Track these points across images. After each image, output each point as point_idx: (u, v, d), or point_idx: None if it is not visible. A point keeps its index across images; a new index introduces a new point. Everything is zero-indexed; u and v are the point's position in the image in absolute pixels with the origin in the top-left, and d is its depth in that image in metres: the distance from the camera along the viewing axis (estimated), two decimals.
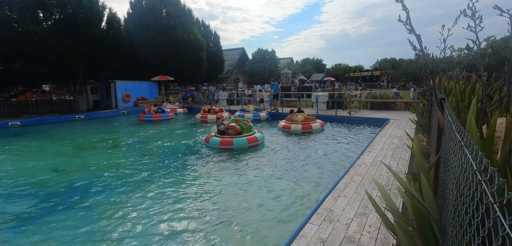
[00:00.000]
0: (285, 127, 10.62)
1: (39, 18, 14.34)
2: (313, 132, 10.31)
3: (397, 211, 1.72)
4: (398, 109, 15.11)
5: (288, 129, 10.43)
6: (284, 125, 10.71)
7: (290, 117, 11.08)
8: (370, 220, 3.28)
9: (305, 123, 10.53)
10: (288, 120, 10.88)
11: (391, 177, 4.73)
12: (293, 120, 10.71)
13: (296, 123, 10.54)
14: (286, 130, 10.51)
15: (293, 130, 10.32)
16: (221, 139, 8.07)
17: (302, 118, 10.67)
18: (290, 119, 10.90)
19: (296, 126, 10.39)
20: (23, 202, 4.72)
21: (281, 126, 10.81)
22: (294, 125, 10.46)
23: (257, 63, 36.16)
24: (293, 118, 10.76)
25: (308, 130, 10.32)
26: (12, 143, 9.60)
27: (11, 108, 16.11)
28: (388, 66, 50.07)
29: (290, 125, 10.51)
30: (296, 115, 10.86)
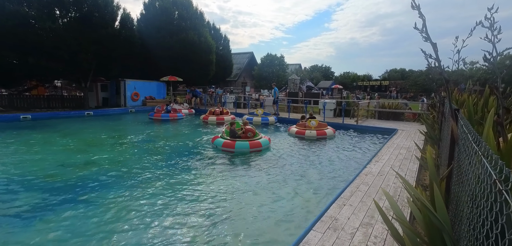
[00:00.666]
0: (299, 133, 10.46)
1: (56, 16, 14.71)
2: (327, 138, 10.25)
3: (406, 222, 1.67)
4: (406, 120, 14.87)
5: (302, 135, 10.30)
6: (298, 131, 10.53)
7: (302, 123, 10.96)
8: (376, 231, 3.20)
9: (319, 129, 10.45)
10: (301, 126, 10.73)
11: (398, 188, 4.63)
12: (306, 126, 10.59)
13: (310, 129, 10.42)
14: (299, 136, 10.37)
15: (307, 136, 10.20)
16: (224, 141, 8.19)
17: (315, 124, 10.58)
18: (303, 125, 10.77)
19: (310, 132, 10.28)
20: (32, 194, 4.79)
21: (294, 131, 10.63)
22: (309, 130, 10.34)
23: (266, 68, 36.22)
24: (307, 124, 10.64)
25: (322, 136, 10.25)
26: (23, 135, 9.81)
27: (23, 102, 16.50)
28: (397, 76, 49.51)
29: (304, 130, 10.37)
30: (309, 121, 10.74)
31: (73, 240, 3.44)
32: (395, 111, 15.18)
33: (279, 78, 35.45)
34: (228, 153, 7.89)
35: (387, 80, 47.11)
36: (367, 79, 50.45)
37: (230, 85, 35.47)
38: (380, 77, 56.46)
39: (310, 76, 44.13)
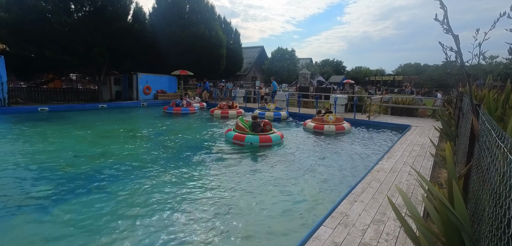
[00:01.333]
0: (317, 128, 10.33)
1: (71, 10, 15.05)
2: (345, 133, 10.17)
3: (421, 220, 1.61)
4: (420, 116, 14.47)
5: (321, 130, 10.18)
6: (316, 126, 10.39)
7: (320, 118, 10.83)
8: (388, 228, 3.14)
9: (338, 124, 10.34)
10: (319, 121, 10.60)
11: (411, 185, 4.53)
12: (324, 121, 10.47)
13: (328, 124, 10.30)
14: (318, 131, 10.24)
15: (326, 130, 10.10)
16: (235, 134, 8.28)
17: (333, 119, 10.45)
18: (320, 120, 10.65)
19: (329, 127, 10.17)
20: (50, 183, 4.96)
21: (312, 126, 10.49)
22: (327, 125, 10.23)
23: (276, 62, 35.99)
24: (325, 119, 10.52)
25: (341, 131, 10.16)
26: (40, 126, 10.16)
27: (41, 95, 17.06)
28: (411, 71, 48.17)
29: (322, 125, 10.26)
30: (327, 116, 10.61)
31: (87, 227, 3.54)
32: (408, 107, 14.79)
33: (289, 73, 35.19)
34: (240, 146, 7.90)
35: (400, 75, 45.91)
36: (380, 74, 49.33)
37: (240, 80, 35.46)
38: (393, 72, 55.10)
39: (321, 71, 43.53)
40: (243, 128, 8.49)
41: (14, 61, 15.18)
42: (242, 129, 8.45)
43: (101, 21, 15.48)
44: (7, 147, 7.21)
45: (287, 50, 37.13)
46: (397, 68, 58.24)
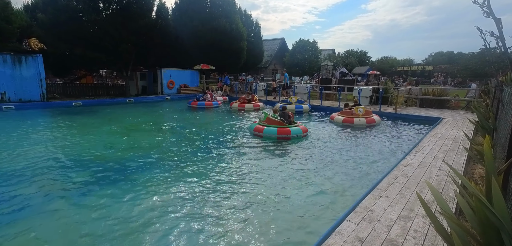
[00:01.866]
0: (347, 121, 10.09)
1: (100, 8, 15.82)
2: (375, 126, 9.94)
3: (454, 217, 1.52)
4: (453, 108, 13.58)
5: (351, 123, 9.96)
6: (346, 119, 10.15)
7: (348, 110, 10.59)
8: (416, 225, 3.01)
9: (368, 117, 10.09)
10: (348, 114, 10.37)
11: (442, 180, 4.29)
12: (353, 113, 10.23)
13: (358, 117, 10.06)
14: (347, 124, 10.02)
15: (357, 124, 9.89)
16: (256, 125, 8.45)
17: (363, 112, 10.18)
18: (349, 112, 10.41)
19: (359, 120, 9.94)
20: (83, 172, 5.33)
21: (341, 120, 10.25)
22: (357, 118, 10.00)
23: (297, 54, 35.34)
24: (354, 111, 10.27)
25: (371, 124, 9.93)
26: (75, 120, 10.89)
27: (74, 90, 18.23)
28: (444, 60, 45.13)
29: (352, 118, 10.03)
30: (356, 108, 10.35)
31: (118, 215, 3.76)
32: (439, 99, 13.92)
33: (311, 65, 34.46)
34: (267, 139, 7.97)
35: (431, 65, 43.22)
36: (408, 64, 46.81)
37: (261, 73, 35.36)
38: (423, 61, 52.06)
39: (344, 62, 42.14)
40: (274, 121, 8.41)
41: (51, 59, 16.35)
42: (274, 122, 8.39)
43: (127, 18, 16.11)
44: (47, 139, 7.82)
45: (309, 41, 36.30)
46: (427, 57, 54.86)
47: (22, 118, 10.77)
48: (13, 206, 3.97)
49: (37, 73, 13.91)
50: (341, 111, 10.92)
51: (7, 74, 13.05)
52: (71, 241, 3.22)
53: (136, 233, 3.36)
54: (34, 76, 13.85)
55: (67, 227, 3.50)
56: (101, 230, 3.42)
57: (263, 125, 8.27)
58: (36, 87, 13.99)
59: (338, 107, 13.73)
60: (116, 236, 3.30)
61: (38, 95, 14.05)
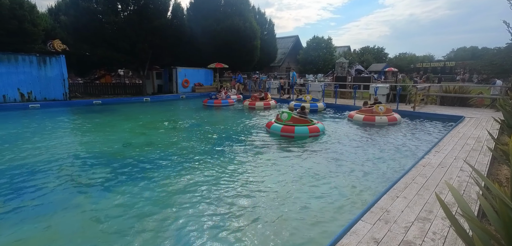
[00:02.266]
0: (367, 119, 9.90)
1: (118, 10, 16.33)
2: (397, 124, 9.78)
3: (476, 220, 1.47)
4: (476, 106, 12.95)
5: (372, 121, 9.78)
6: (366, 117, 9.96)
7: (368, 108, 10.40)
8: (435, 227, 2.92)
9: (389, 115, 9.91)
10: (368, 112, 10.17)
11: (463, 182, 4.11)
12: (374, 112, 10.04)
13: (379, 115, 9.88)
14: (368, 123, 9.83)
15: (378, 122, 9.72)
16: (268, 122, 8.72)
17: (384, 110, 10.00)
18: (369, 111, 10.22)
19: (381, 118, 9.77)
20: (103, 168, 5.54)
21: (361, 118, 10.05)
22: (379, 116, 9.82)
23: (311, 51, 34.92)
24: (374, 109, 10.09)
25: (393, 122, 9.77)
26: (95, 118, 11.33)
27: (94, 89, 18.95)
28: (466, 56, 43.11)
29: (373, 116, 9.84)
30: (377, 106, 10.17)
31: (133, 210, 3.89)
32: (461, 96, 13.32)
33: (325, 62, 33.96)
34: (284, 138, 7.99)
35: (453, 61, 41.37)
36: (428, 60, 45.07)
37: (274, 71, 35.23)
38: (444, 57, 49.97)
39: (360, 59, 41.17)
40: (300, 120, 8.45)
41: (73, 60, 17.07)
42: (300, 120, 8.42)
43: (143, 18, 16.51)
44: (70, 136, 8.20)
45: (323, 38, 35.75)
46: (449, 53, 52.58)
47: (46, 116, 11.34)
48: (38, 200, 4.20)
49: (60, 73, 14.58)
50: (360, 109, 10.71)
51: (33, 74, 13.76)
52: (91, 235, 3.37)
53: (151, 229, 3.46)
54: (57, 76, 14.53)
55: (87, 222, 3.66)
56: (118, 225, 3.56)
57: (290, 125, 8.12)
58: (60, 86, 14.66)
59: (354, 105, 13.45)
60: (132, 231, 3.42)
61: (61, 94, 14.73)
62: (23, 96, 13.58)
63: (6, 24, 13.36)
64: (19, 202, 4.09)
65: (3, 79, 12.93)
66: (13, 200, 4.15)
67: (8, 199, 4.19)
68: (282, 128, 8.09)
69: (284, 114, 8.49)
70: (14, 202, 4.08)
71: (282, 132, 8.05)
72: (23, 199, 4.18)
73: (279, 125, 8.23)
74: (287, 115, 8.41)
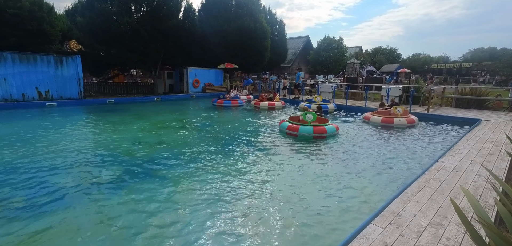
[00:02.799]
0: (386, 121, 9.70)
1: (131, 11, 16.69)
2: (415, 126, 9.68)
3: (493, 227, 1.42)
4: (494, 109, 12.49)
5: (391, 123, 9.61)
6: (384, 119, 9.77)
7: (386, 110, 10.24)
8: (449, 233, 2.83)
9: (408, 117, 9.79)
10: (386, 114, 10.01)
11: (479, 187, 3.98)
12: (392, 113, 9.89)
13: (398, 117, 9.73)
14: (386, 124, 9.65)
15: (397, 124, 9.57)
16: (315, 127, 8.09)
17: (402, 112, 9.86)
18: (387, 112, 10.06)
19: (399, 120, 9.61)
20: (116, 166, 5.68)
21: (379, 120, 9.86)
22: (397, 119, 9.66)
23: (322, 51, 34.59)
24: (392, 111, 9.94)
25: (411, 124, 9.67)
26: (109, 116, 11.62)
27: (108, 88, 19.44)
28: (484, 57, 41.65)
29: (392, 118, 9.68)
30: (395, 108, 10.01)
31: (144, 207, 3.96)
32: (478, 99, 12.88)
33: (336, 63, 33.57)
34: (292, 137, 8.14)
35: (469, 62, 40.06)
36: (443, 61, 43.82)
37: (284, 71, 35.11)
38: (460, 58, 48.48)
39: (372, 60, 40.46)
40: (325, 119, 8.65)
41: (88, 60, 17.57)
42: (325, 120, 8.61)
43: (156, 19, 16.81)
44: (84, 134, 8.44)
45: (334, 39, 35.35)
46: (466, 54, 50.98)
47: (63, 114, 11.71)
48: (53, 196, 4.34)
49: (76, 73, 15.03)
50: (377, 111, 10.54)
51: (50, 74, 14.25)
52: (103, 232, 3.45)
53: (160, 227, 3.51)
54: (73, 75, 14.98)
55: (99, 218, 3.76)
56: (129, 222, 3.63)
57: (321, 125, 8.16)
58: (75, 86, 15.12)
59: (365, 107, 13.24)
60: (141, 228, 3.48)
61: (76, 93, 15.18)
62: (41, 95, 14.08)
63: (26, 26, 13.89)
64: (37, 196, 4.24)
65: (22, 78, 13.45)
66: (32, 194, 4.30)
67: (28, 193, 4.35)
68: (315, 129, 7.99)
69: (308, 115, 8.38)
70: (33, 196, 4.24)
71: (315, 133, 7.95)
72: (41, 193, 4.33)
73: (308, 128, 8.04)
74: (312, 116, 8.37)
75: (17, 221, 3.59)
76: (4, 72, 12.88)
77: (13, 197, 4.21)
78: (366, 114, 10.63)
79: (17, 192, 4.40)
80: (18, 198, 4.19)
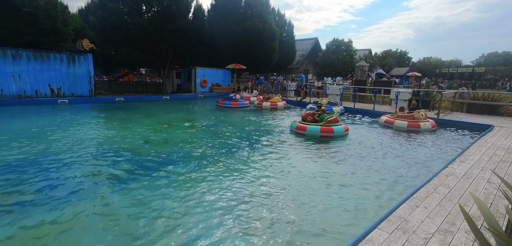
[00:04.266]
0: (412, 126, 9.52)
1: (142, 11, 16.95)
2: (436, 130, 9.69)
3: (504, 236, 1.38)
4: (508, 115, 12.16)
5: (417, 128, 9.48)
6: (411, 124, 9.57)
7: (409, 115, 10.06)
8: (458, 240, 2.78)
9: (430, 121, 9.75)
10: (410, 118, 9.83)
11: (490, 194, 3.89)
12: (416, 118, 9.75)
13: (422, 120, 9.64)
14: (412, 129, 9.48)
15: (423, 128, 9.49)
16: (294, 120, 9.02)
17: (424, 116, 9.77)
18: (410, 116, 9.90)
19: (425, 125, 9.54)
20: (125, 164, 5.77)
21: (405, 125, 9.60)
22: (423, 123, 9.57)
23: (331, 54, 34.29)
24: (416, 115, 9.80)
25: (434, 128, 9.72)
26: (118, 114, 11.83)
27: (118, 87, 19.77)
28: (498, 61, 40.60)
29: (419, 123, 9.54)
30: (418, 112, 9.88)
31: (152, 204, 4.02)
32: (491, 104, 12.55)
33: (345, 65, 33.25)
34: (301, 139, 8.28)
35: (482, 66, 39.11)
36: (455, 65, 42.91)
37: (292, 73, 35.00)
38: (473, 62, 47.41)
39: (382, 63, 39.94)
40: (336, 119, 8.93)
41: (99, 58, 17.91)
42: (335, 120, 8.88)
43: (166, 20, 17.03)
44: (94, 131, 8.61)
45: (343, 41, 35.00)
46: (479, 58, 49.78)
47: (74, 111, 11.97)
48: (63, 190, 4.45)
49: (87, 71, 15.36)
50: (398, 115, 10.34)
51: (63, 72, 14.60)
52: (111, 226, 3.52)
53: (167, 225, 3.56)
54: (84, 74, 15.31)
55: (107, 213, 3.83)
56: (137, 218, 3.69)
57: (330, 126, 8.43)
58: (86, 84, 15.44)
59: (373, 110, 13.09)
60: (149, 225, 3.54)
61: (87, 91, 15.50)
62: (53, 92, 14.44)
63: (41, 24, 14.28)
64: (47, 190, 4.35)
65: (36, 75, 13.82)
66: (43, 188, 4.42)
67: (39, 187, 4.47)
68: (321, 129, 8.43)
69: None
70: (44, 190, 4.35)
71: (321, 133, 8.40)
72: (52, 187, 4.45)
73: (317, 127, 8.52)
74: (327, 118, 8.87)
75: (28, 213, 3.69)
76: (19, 69, 13.27)
77: (25, 191, 4.34)
78: (387, 119, 10.29)
79: (28, 185, 4.53)
80: (29, 192, 4.31)
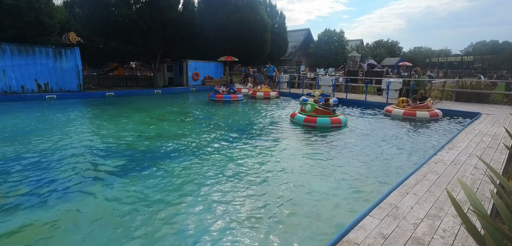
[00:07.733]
0: (433, 115, 9.52)
1: (130, 2, 16.52)
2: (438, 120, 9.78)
3: (489, 218, 1.43)
4: (494, 103, 12.48)
5: (437, 116, 9.58)
6: (432, 113, 9.52)
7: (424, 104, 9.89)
8: (445, 224, 2.86)
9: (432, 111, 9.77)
10: (425, 108, 9.72)
11: (477, 179, 4.00)
12: (429, 107, 9.77)
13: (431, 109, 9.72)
14: (434, 118, 9.48)
15: (440, 116, 9.74)
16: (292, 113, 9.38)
17: None
18: (426, 106, 9.80)
19: (438, 113, 9.73)
20: (117, 159, 5.69)
21: (428, 115, 9.47)
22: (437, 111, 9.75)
23: (323, 45, 34.36)
24: (429, 105, 9.81)
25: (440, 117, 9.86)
26: (108, 109, 11.62)
27: (107, 81, 19.38)
28: (486, 50, 41.39)
29: (436, 112, 9.67)
30: (429, 101, 9.90)
31: (145, 199, 3.99)
32: (478, 92, 12.85)
33: (337, 56, 33.39)
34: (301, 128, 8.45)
35: (471, 55, 39.84)
36: (444, 54, 43.58)
37: (284, 65, 34.94)
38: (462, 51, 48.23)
39: (373, 53, 40.21)
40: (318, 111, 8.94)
41: (87, 52, 17.45)
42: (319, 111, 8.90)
43: (155, 11, 16.66)
44: (84, 127, 8.45)
45: (335, 31, 35.07)
46: (467, 47, 50.69)
47: (62, 107, 11.70)
48: (54, 187, 4.37)
49: (75, 65, 14.96)
50: (415, 106, 9.98)
51: (49, 66, 14.18)
52: (104, 223, 3.49)
53: (161, 219, 3.55)
54: (72, 68, 14.91)
55: (100, 210, 3.79)
56: (130, 214, 3.66)
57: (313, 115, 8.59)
58: (74, 78, 15.06)
59: (365, 100, 13.23)
60: (143, 220, 3.52)
61: (76, 86, 15.14)
62: (40, 87, 14.05)
63: (24, 17, 13.78)
64: (37, 188, 4.26)
65: (22, 70, 13.39)
66: (33, 186, 4.33)
67: (28, 185, 4.38)
68: (305, 119, 8.65)
69: (307, 106, 9.04)
70: (34, 188, 4.26)
71: (304, 122, 8.63)
72: (42, 185, 4.36)
73: (303, 116, 8.79)
74: (310, 106, 8.91)
75: (18, 212, 3.62)
76: (3, 64, 12.83)
77: (14, 189, 4.24)
78: (406, 111, 9.93)
79: (17, 184, 4.42)
80: (18, 190, 4.21)
